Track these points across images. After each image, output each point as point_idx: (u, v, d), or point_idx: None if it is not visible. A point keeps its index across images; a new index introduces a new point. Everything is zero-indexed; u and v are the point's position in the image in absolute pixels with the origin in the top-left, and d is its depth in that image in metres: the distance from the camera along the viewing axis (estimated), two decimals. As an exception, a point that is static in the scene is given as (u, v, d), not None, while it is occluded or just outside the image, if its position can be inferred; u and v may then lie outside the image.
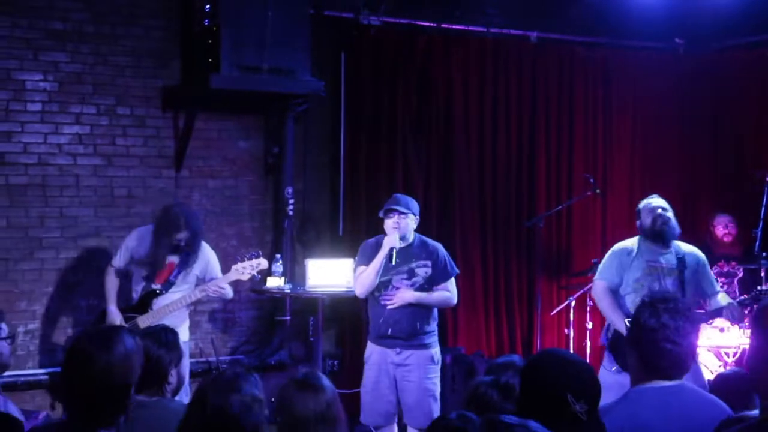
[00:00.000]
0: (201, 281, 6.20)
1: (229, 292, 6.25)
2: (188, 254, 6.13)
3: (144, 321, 5.99)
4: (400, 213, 5.69)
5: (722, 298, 5.76)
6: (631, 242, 5.86)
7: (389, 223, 5.70)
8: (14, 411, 3.29)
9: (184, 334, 6.04)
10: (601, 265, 5.93)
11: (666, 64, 8.96)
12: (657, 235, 5.71)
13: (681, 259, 5.70)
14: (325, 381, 3.04)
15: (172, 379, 3.51)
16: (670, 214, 5.75)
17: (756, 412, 2.51)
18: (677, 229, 5.76)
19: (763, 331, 2.19)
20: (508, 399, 3.13)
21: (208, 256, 6.25)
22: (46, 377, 6.65)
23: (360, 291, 5.88)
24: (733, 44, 8.77)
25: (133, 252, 6.17)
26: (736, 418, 2.72)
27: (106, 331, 3.05)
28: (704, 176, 9.04)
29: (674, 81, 8.97)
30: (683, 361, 3.26)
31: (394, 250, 5.66)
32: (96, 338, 2.94)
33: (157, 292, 6.08)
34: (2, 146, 6.55)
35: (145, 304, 6.08)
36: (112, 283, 6.21)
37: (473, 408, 3.02)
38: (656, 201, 5.81)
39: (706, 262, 5.86)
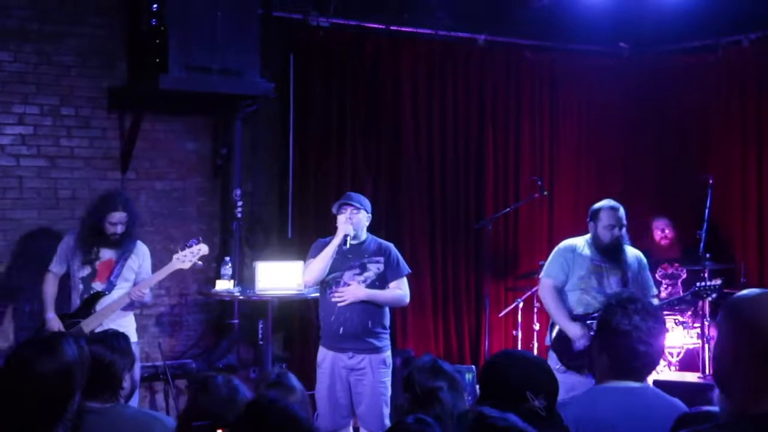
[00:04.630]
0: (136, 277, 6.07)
1: (149, 297, 6.11)
2: (125, 247, 5.97)
3: (88, 324, 5.85)
4: (353, 207, 5.71)
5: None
6: (578, 240, 5.87)
7: (342, 218, 5.71)
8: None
9: (132, 336, 5.93)
10: (546, 263, 5.93)
11: (611, 68, 9.08)
12: (608, 251, 5.71)
13: (624, 260, 5.74)
14: (296, 382, 3.03)
15: (126, 384, 3.44)
16: (623, 230, 5.73)
17: (714, 408, 2.56)
18: (627, 241, 5.80)
19: (727, 329, 2.22)
20: (425, 405, 3.15)
21: (144, 251, 6.12)
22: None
23: (308, 277, 5.84)
24: (675, 48, 8.91)
25: (68, 254, 6.03)
26: (694, 414, 2.77)
27: (49, 339, 2.99)
28: (648, 178, 9.16)
29: (619, 84, 9.09)
30: (654, 362, 3.33)
31: (348, 237, 5.66)
32: (38, 346, 2.89)
33: (102, 293, 5.93)
34: (-58, 147, 6.39)
35: (88, 306, 5.93)
36: (50, 290, 6.05)
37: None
38: (612, 216, 5.71)
39: (647, 265, 5.91)
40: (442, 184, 8.43)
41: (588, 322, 5.54)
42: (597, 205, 5.84)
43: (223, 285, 6.99)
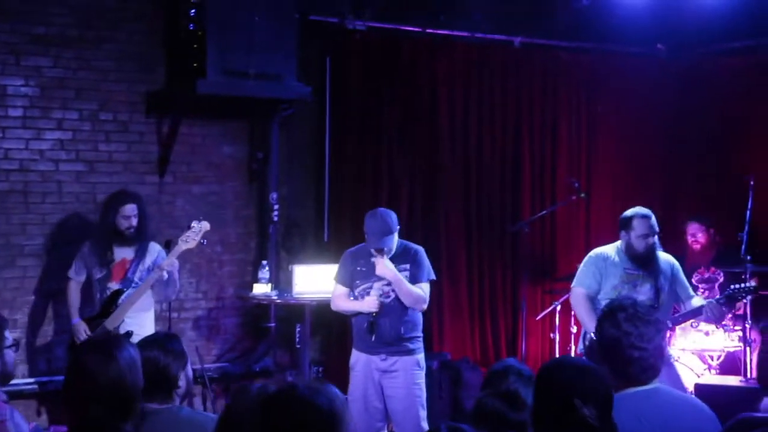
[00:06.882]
0: None
1: (173, 291, 6.29)
2: (140, 246, 6.15)
3: (111, 322, 5.99)
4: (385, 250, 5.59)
5: (697, 301, 5.81)
6: (609, 249, 5.84)
7: (370, 300, 5.62)
8: (21, 421, 3.28)
9: (149, 328, 6.08)
10: (578, 272, 5.89)
11: (649, 70, 8.99)
12: (641, 259, 5.69)
13: (656, 267, 5.70)
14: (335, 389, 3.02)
15: (182, 383, 3.48)
16: (656, 237, 5.72)
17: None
18: (658, 247, 5.78)
19: None
20: (514, 407, 3.10)
21: (157, 250, 6.28)
22: (30, 387, 6.53)
23: (335, 308, 5.92)
24: (715, 50, 8.79)
25: (86, 258, 6.20)
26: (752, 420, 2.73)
27: (108, 341, 3.06)
28: (688, 181, 9.06)
29: (657, 86, 9.00)
30: (652, 366, 3.31)
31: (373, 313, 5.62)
32: (99, 349, 2.95)
33: (121, 291, 6.07)
34: (-17, 152, 6.46)
35: (108, 305, 6.05)
36: (73, 296, 6.26)
37: (483, 425, 2.98)
38: (645, 225, 5.66)
39: (680, 268, 5.87)
40: (478, 187, 8.39)
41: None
42: (628, 213, 5.78)
43: (261, 288, 7.02)
